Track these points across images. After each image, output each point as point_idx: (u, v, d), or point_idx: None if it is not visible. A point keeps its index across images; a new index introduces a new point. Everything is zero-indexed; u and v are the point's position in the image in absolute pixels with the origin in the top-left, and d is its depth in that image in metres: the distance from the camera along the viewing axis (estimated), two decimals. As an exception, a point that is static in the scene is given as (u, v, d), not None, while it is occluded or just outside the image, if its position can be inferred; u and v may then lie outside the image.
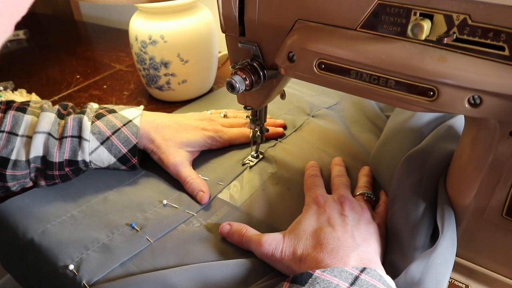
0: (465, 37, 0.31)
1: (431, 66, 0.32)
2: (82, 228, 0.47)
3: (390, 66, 0.33)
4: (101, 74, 0.87)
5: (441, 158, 0.45)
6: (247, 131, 0.61)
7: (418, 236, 0.40)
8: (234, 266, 0.42)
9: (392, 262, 0.40)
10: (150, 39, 0.66)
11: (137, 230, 0.47)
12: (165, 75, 0.69)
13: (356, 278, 0.34)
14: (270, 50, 0.42)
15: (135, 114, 0.55)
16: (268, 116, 0.66)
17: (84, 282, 0.41)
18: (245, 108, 0.52)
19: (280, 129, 0.64)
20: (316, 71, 0.38)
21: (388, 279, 0.36)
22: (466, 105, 0.32)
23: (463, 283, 0.40)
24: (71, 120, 0.52)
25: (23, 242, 0.47)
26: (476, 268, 0.41)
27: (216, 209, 0.50)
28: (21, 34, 1.11)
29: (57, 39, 1.12)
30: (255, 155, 0.59)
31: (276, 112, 0.69)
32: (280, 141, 0.63)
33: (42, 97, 0.78)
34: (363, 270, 0.35)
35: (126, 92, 0.80)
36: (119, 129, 0.53)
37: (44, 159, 0.50)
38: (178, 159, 0.54)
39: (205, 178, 0.54)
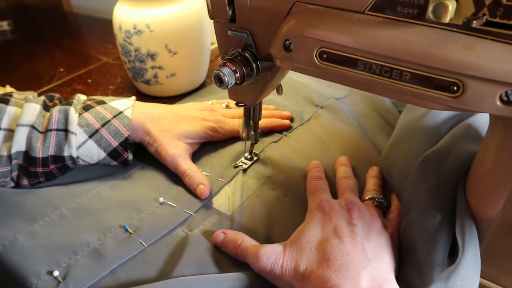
0: (497, 19, 0.26)
1: (456, 55, 0.27)
2: (72, 229, 0.43)
3: (405, 55, 0.28)
4: (86, 67, 0.82)
5: (461, 160, 0.40)
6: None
7: (437, 251, 0.35)
8: (227, 281, 0.37)
9: (407, 281, 0.36)
10: (134, 29, 0.60)
11: (131, 233, 0.43)
12: (152, 68, 0.64)
13: None
14: (264, 38, 0.37)
15: (126, 105, 0.51)
16: (273, 107, 0.63)
17: None
18: (237, 104, 0.47)
19: (287, 121, 0.60)
20: (317, 62, 0.32)
21: None
22: (498, 103, 0.27)
23: (485, 307, 0.35)
24: (56, 112, 0.48)
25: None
26: (500, 290, 0.36)
27: (204, 217, 0.45)
28: (4, 25, 1.05)
29: (43, 31, 1.06)
30: (249, 156, 0.53)
31: (283, 103, 0.65)
32: (285, 135, 0.58)
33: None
34: None
35: (111, 87, 0.74)
36: (109, 121, 0.49)
37: (27, 154, 0.46)
38: (177, 151, 0.50)
39: (206, 174, 0.50)
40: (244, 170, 0.52)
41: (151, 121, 0.52)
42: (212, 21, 0.40)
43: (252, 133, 0.51)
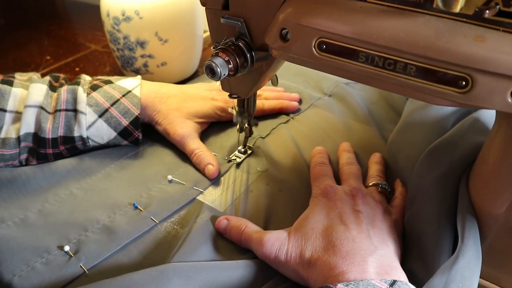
0: (511, 9, 0.24)
1: (465, 47, 0.25)
2: (81, 207, 0.44)
3: (411, 47, 0.26)
4: (74, 55, 0.79)
5: (470, 151, 0.38)
6: (260, 103, 0.55)
7: (442, 243, 0.34)
8: (231, 269, 0.36)
9: (411, 271, 0.35)
10: (123, 15, 0.58)
11: (141, 210, 0.43)
12: (142, 56, 0.61)
13: None
14: (259, 27, 0.35)
15: (134, 84, 0.51)
16: (281, 88, 0.62)
17: (81, 265, 0.38)
18: (230, 96, 0.45)
19: (295, 103, 0.59)
20: (315, 53, 0.30)
21: None
22: (509, 99, 0.25)
23: (486, 309, 0.34)
24: (64, 91, 0.47)
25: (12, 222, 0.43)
26: (502, 292, 0.34)
27: (195, 214, 0.43)
28: (-11, 10, 1.01)
29: (30, 17, 1.02)
30: (242, 150, 0.51)
31: (291, 86, 0.64)
32: (293, 117, 0.57)
33: (6, 80, 0.69)
34: (392, 283, 0.30)
35: (100, 76, 0.71)
36: (118, 100, 0.49)
37: (36, 136, 0.46)
38: (186, 130, 0.50)
39: (214, 154, 0.50)
40: (238, 165, 0.50)
41: (160, 100, 0.51)
42: (202, 6, 0.37)
43: (246, 125, 0.49)
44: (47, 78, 0.50)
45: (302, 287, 0.35)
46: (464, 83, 0.26)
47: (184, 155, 0.50)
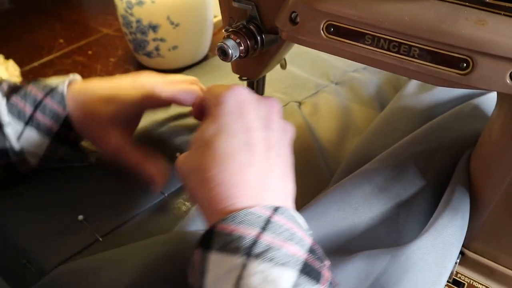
0: (512, -6, 0.25)
1: (467, 30, 0.26)
2: (92, 180, 0.46)
3: (415, 30, 0.27)
4: (86, 38, 0.81)
5: (468, 137, 0.39)
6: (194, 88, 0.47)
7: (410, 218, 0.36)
8: None
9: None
10: (136, -1, 0.59)
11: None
12: (154, 40, 0.63)
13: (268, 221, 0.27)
14: (270, 10, 0.36)
15: (61, 80, 0.43)
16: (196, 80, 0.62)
17: (95, 232, 0.40)
18: (240, 78, 0.46)
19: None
20: (323, 35, 0.31)
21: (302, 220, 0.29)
22: (508, 81, 0.26)
23: (483, 284, 0.36)
24: None
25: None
26: (498, 268, 0.36)
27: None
28: (2, -6, 1.03)
29: (42, 1, 1.04)
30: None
31: (298, 72, 0.65)
32: (301, 102, 0.59)
33: (21, 63, 0.71)
34: (276, 209, 0.28)
35: (112, 59, 0.73)
36: (41, 101, 0.41)
37: None
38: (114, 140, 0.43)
39: None
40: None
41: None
42: (216, -8, 0.39)
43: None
44: None
45: None
46: (465, 65, 0.27)
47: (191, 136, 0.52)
